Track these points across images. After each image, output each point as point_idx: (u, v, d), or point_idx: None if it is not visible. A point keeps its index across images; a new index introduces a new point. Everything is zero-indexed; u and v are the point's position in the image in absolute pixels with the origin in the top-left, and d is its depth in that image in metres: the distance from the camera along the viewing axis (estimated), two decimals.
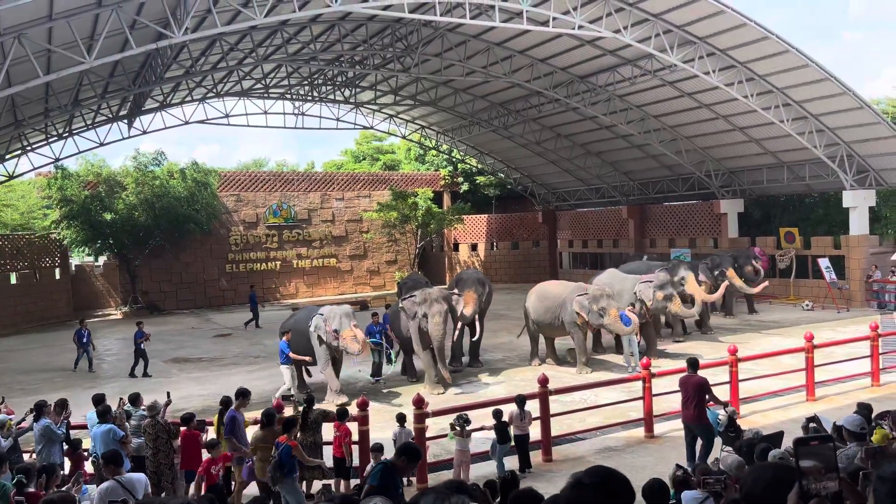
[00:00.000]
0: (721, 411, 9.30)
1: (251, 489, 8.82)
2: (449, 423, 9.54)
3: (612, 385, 12.83)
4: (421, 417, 9.55)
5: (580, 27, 18.19)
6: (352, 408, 10.74)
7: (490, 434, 9.77)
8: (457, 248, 38.47)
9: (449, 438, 9.54)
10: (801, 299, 24.74)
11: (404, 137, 36.96)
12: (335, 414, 9.51)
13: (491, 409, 9.95)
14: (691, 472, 5.97)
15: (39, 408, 9.19)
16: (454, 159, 38.80)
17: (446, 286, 19.47)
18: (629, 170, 31.68)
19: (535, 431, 10.29)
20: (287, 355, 13.94)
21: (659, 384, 11.65)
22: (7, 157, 25.57)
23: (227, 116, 28.75)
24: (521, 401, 9.96)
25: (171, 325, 26.80)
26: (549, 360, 16.93)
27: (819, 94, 21.06)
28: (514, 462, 9.87)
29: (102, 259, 33.71)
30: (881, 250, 23.84)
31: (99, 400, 9.57)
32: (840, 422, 6.11)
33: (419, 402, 9.57)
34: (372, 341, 15.31)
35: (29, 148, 25.81)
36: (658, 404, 11.47)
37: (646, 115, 25.85)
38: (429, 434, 9.70)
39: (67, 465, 8.95)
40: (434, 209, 33.62)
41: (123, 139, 26.54)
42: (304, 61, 24.18)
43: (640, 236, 32.21)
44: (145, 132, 27.13)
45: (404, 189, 34.67)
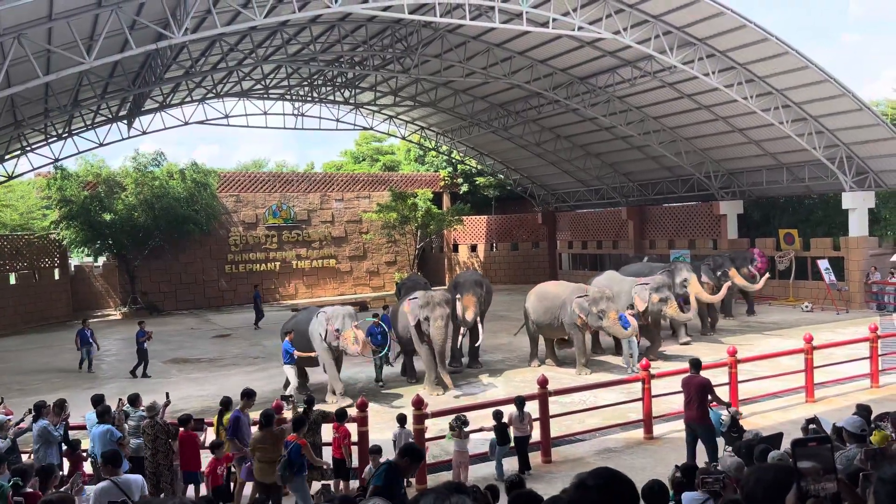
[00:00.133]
0: (724, 412, 9.30)
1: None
2: (448, 424, 9.53)
3: (611, 386, 12.84)
4: (420, 418, 9.55)
5: (580, 28, 18.20)
6: (351, 409, 10.74)
7: (489, 435, 9.77)
8: (456, 249, 38.46)
9: (447, 439, 9.54)
10: (800, 301, 24.73)
11: (404, 138, 36.96)
12: (334, 415, 9.51)
13: (490, 411, 9.94)
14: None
15: (38, 409, 9.18)
16: (454, 160, 38.80)
17: (446, 287, 19.47)
18: (629, 171, 31.69)
19: (535, 433, 10.27)
20: (291, 355, 13.96)
21: (658, 385, 11.65)
22: (6, 157, 25.57)
23: (227, 117, 28.77)
24: (520, 402, 9.95)
25: (171, 325, 26.77)
26: (548, 361, 16.92)
27: (819, 95, 21.07)
28: (513, 463, 9.87)
29: (102, 259, 33.72)
30: (880, 252, 23.84)
31: (98, 400, 9.57)
32: (840, 423, 6.12)
33: (418, 403, 9.57)
34: (373, 342, 15.29)
35: (28, 148, 25.80)
36: (657, 405, 11.47)
37: (645, 117, 25.86)
38: (428, 435, 9.69)
39: (67, 465, 8.94)
40: (434, 210, 33.62)
41: (123, 140, 26.57)
42: (304, 62, 24.17)
43: (639, 237, 32.22)
44: (145, 133, 27.17)
45: (404, 190, 34.67)
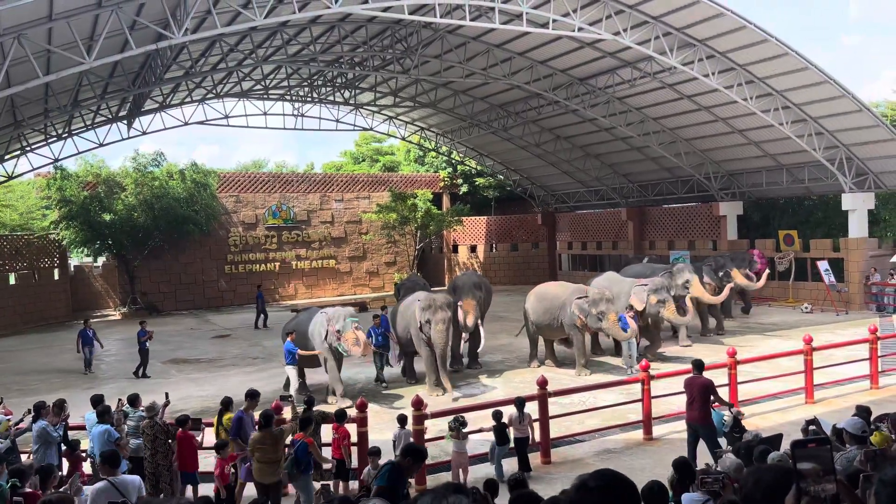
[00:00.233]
0: (726, 412, 9.31)
1: (251, 490, 8.81)
2: (447, 424, 9.53)
3: (610, 387, 12.83)
4: (420, 419, 9.54)
5: (580, 29, 18.20)
6: (351, 409, 10.73)
7: (489, 436, 9.76)
8: (456, 249, 38.45)
9: (447, 440, 9.53)
10: (800, 302, 24.73)
11: (404, 139, 36.96)
12: (334, 415, 9.51)
13: (490, 411, 9.94)
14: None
15: (38, 409, 9.18)
16: (454, 161, 38.81)
17: (445, 287, 19.45)
18: (628, 172, 31.70)
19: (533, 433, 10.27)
20: (294, 356, 13.91)
21: (658, 386, 11.65)
22: (6, 157, 25.55)
23: (227, 117, 28.77)
24: (520, 403, 9.93)
25: (170, 325, 26.75)
26: (548, 362, 16.92)
27: (818, 96, 21.08)
28: (512, 464, 9.86)
29: (101, 260, 33.70)
30: (880, 253, 23.85)
31: (98, 400, 9.58)
32: (841, 424, 6.11)
33: (418, 404, 9.57)
34: (374, 344, 15.26)
35: (28, 148, 25.79)
36: (657, 406, 11.47)
37: (645, 118, 25.87)
38: (428, 436, 9.69)
39: (66, 466, 8.94)
40: (433, 211, 33.62)
41: (123, 140, 26.57)
42: (304, 62, 24.18)
43: (639, 238, 32.22)
44: (145, 133, 27.19)
45: (404, 190, 34.65)
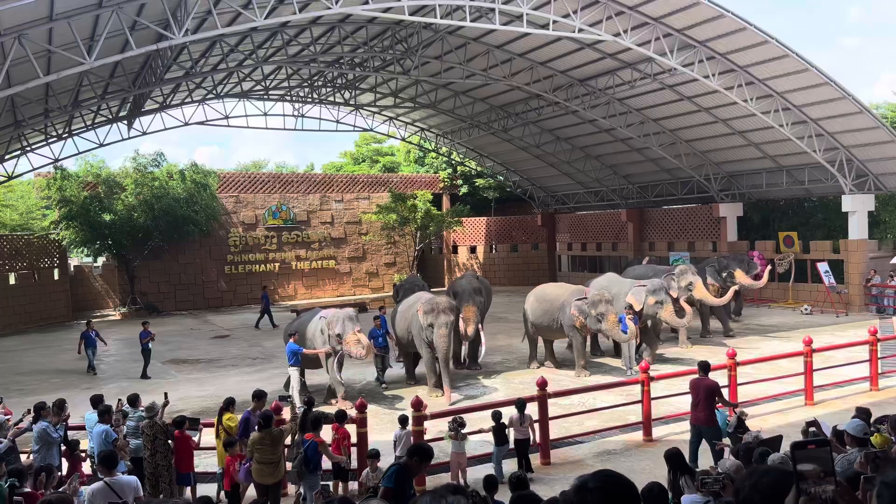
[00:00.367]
0: (730, 413, 9.33)
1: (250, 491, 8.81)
2: (447, 424, 9.52)
3: (610, 388, 12.81)
4: (419, 420, 9.54)
5: (580, 31, 18.21)
6: (351, 410, 10.72)
7: (489, 437, 9.75)
8: (456, 250, 38.46)
9: (446, 440, 9.52)
10: (800, 303, 24.73)
11: (404, 139, 36.99)
12: (334, 416, 9.50)
13: (489, 412, 9.93)
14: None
15: (38, 410, 9.18)
16: (453, 162, 38.81)
17: (445, 289, 19.42)
18: (628, 173, 31.71)
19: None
20: (297, 357, 13.82)
21: (657, 388, 11.64)
22: (7, 157, 25.53)
23: (227, 118, 28.80)
24: (521, 405, 9.91)
25: (170, 326, 26.74)
26: (547, 363, 16.91)
27: (818, 98, 21.08)
28: (512, 465, 9.84)
29: (101, 260, 33.71)
30: (880, 255, 23.85)
31: (97, 400, 9.58)
32: (842, 427, 6.10)
33: (418, 405, 9.56)
34: (376, 345, 15.22)
35: (28, 148, 25.80)
36: (656, 408, 11.47)
37: (645, 119, 25.88)
38: (428, 436, 9.68)
39: (66, 466, 8.94)
40: (433, 211, 33.62)
41: (123, 140, 26.62)
42: (305, 63, 24.19)
43: (639, 239, 32.23)
44: (145, 133, 27.23)
45: (403, 191, 34.65)
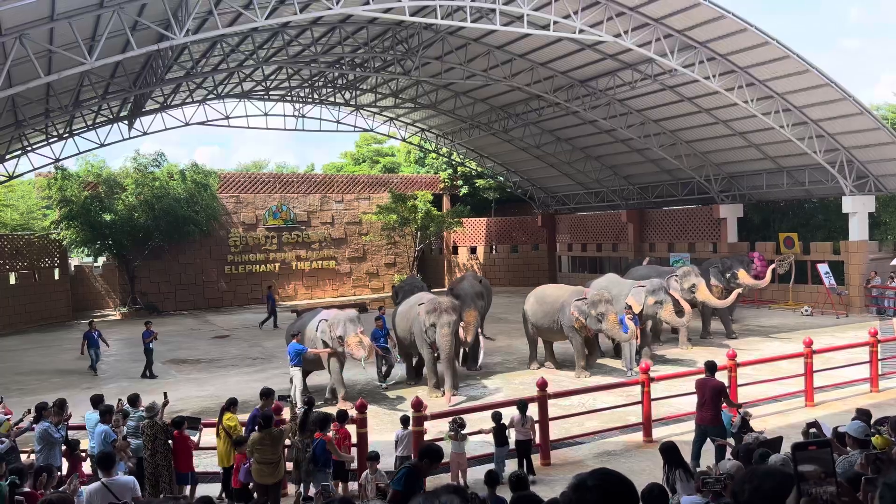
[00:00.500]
0: (734, 413, 9.35)
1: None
2: (448, 425, 9.52)
3: (610, 389, 12.79)
4: (420, 420, 9.54)
5: (581, 31, 18.21)
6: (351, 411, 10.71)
7: (489, 438, 9.74)
8: (456, 251, 38.46)
9: (446, 441, 9.52)
10: (800, 305, 24.72)
11: (404, 140, 36.99)
12: (334, 416, 9.49)
13: (490, 413, 9.93)
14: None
15: (40, 410, 9.19)
16: (454, 162, 38.81)
17: (444, 289, 19.41)
18: (629, 174, 31.71)
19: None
20: (300, 357, 13.79)
21: (657, 388, 11.64)
22: (7, 157, 25.55)
23: (228, 118, 28.79)
24: (522, 406, 9.89)
25: (170, 326, 26.73)
26: (547, 364, 16.91)
27: (819, 99, 21.08)
28: (512, 466, 9.84)
29: (101, 260, 33.70)
30: (880, 256, 23.84)
31: (98, 400, 9.60)
32: (843, 428, 6.09)
33: (418, 406, 9.56)
34: (378, 346, 15.20)
35: (29, 148, 25.80)
36: (657, 409, 11.46)
37: (646, 120, 25.88)
38: (428, 437, 9.68)
39: (66, 465, 8.94)
40: (433, 212, 33.62)
41: (124, 140, 26.62)
42: (305, 63, 24.20)
43: (639, 240, 32.23)
44: (146, 133, 27.23)
45: (404, 192, 34.65)
